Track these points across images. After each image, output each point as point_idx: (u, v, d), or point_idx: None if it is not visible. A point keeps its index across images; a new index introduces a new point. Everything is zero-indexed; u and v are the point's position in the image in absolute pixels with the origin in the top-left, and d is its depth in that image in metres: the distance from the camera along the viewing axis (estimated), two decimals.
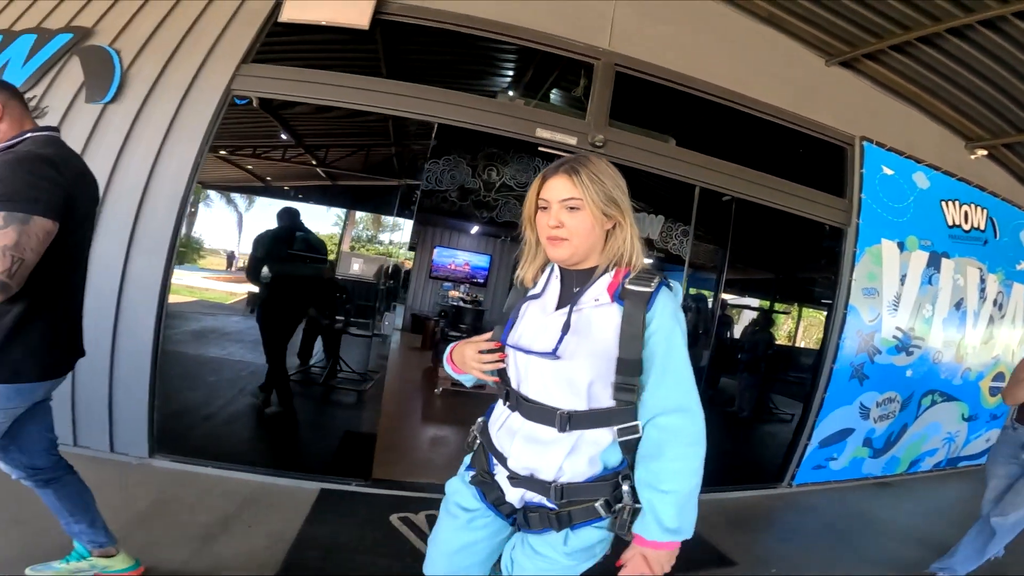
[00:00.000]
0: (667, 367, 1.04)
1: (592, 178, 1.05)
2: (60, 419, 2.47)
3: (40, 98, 2.65)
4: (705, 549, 2.71)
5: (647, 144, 3.28)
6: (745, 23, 3.53)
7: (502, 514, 1.19)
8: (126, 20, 2.79)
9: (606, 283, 1.08)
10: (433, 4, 3.02)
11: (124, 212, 2.55)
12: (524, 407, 1.11)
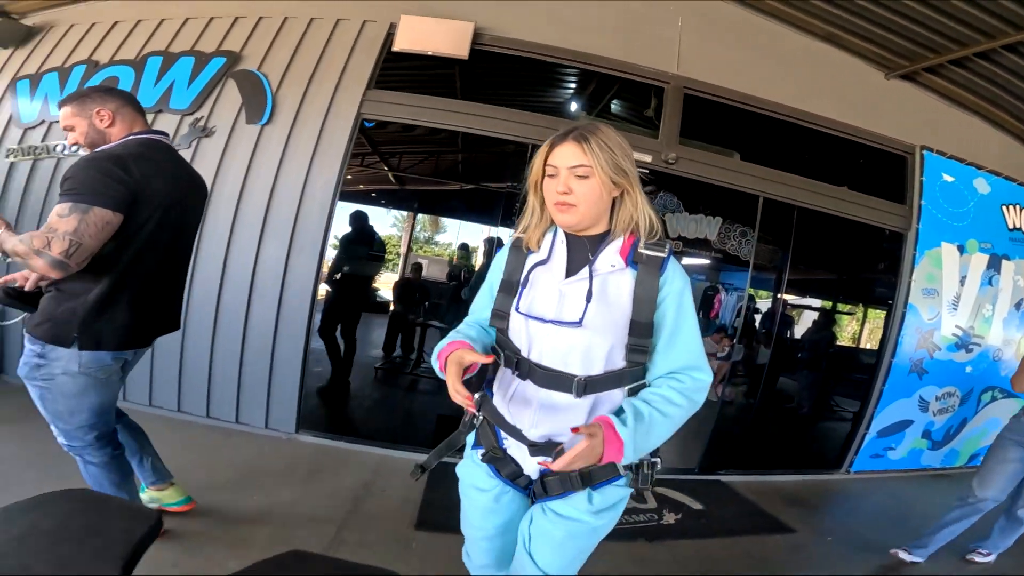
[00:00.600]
0: (678, 328, 1.07)
1: (602, 146, 1.04)
2: (225, 400, 3.07)
3: (207, 118, 3.21)
4: (765, 518, 3.07)
5: (714, 160, 3.67)
6: (804, 42, 3.83)
7: (519, 487, 1.20)
8: (267, 45, 3.31)
9: (617, 248, 1.09)
10: (520, 36, 3.48)
11: (284, 218, 3.09)
12: (537, 375, 1.10)
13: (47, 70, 3.39)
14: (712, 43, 3.64)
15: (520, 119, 3.41)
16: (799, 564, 2.59)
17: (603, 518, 1.15)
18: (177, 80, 3.25)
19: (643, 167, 3.49)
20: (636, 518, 2.82)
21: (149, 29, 3.40)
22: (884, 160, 3.98)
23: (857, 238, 4.08)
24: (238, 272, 3.11)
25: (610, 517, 1.16)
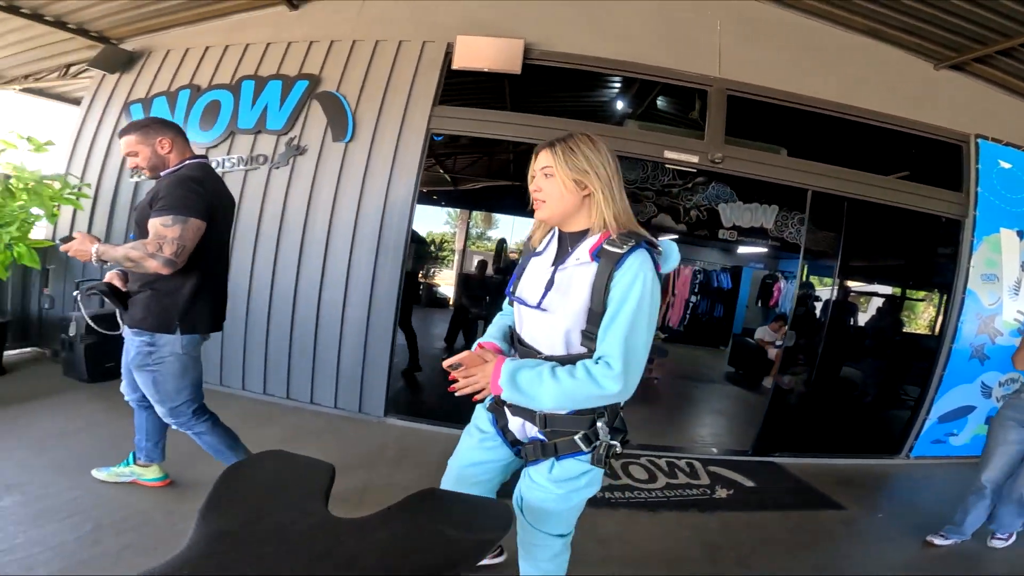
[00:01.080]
0: (615, 315, 1.13)
1: (566, 151, 1.20)
2: (325, 387, 3.54)
3: (299, 138, 3.67)
4: (816, 496, 3.27)
5: (760, 157, 3.87)
6: (846, 38, 3.94)
7: (507, 441, 1.42)
8: (342, 67, 3.71)
9: (590, 244, 1.20)
10: (566, 49, 3.77)
11: (371, 224, 3.54)
12: (520, 349, 1.33)
13: (156, 94, 3.89)
14: (752, 44, 3.83)
15: (570, 128, 3.71)
16: (846, 537, 2.77)
17: (563, 487, 1.30)
18: (270, 103, 3.70)
19: (690, 167, 3.75)
20: (689, 492, 3.07)
21: (237, 54, 3.87)
22: (939, 149, 4.07)
23: (913, 226, 4.18)
24: (335, 273, 3.59)
25: (571, 488, 1.30)
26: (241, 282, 3.67)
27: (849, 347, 4.70)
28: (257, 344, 3.68)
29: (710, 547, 2.50)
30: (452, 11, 3.72)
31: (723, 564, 2.37)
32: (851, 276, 4.66)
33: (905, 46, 3.94)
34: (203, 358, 3.70)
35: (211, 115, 3.70)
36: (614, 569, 2.20)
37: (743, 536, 2.65)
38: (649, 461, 3.46)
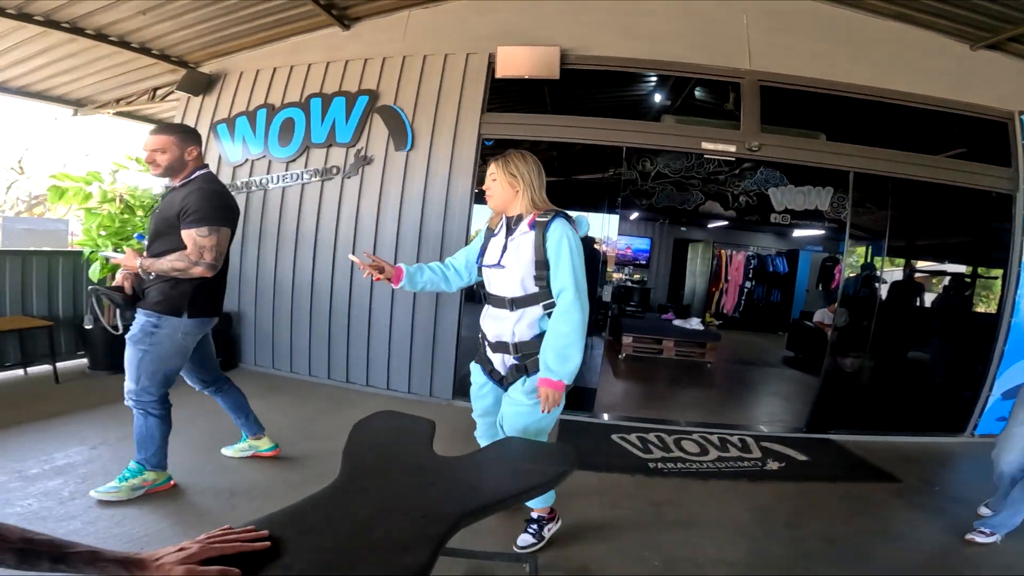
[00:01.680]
0: (558, 262, 1.73)
1: (504, 163, 1.84)
2: (399, 374, 3.94)
3: (365, 149, 4.12)
4: (870, 469, 3.38)
5: (798, 143, 4.03)
6: (875, 24, 4.01)
7: (495, 381, 1.95)
8: (396, 82, 4.11)
9: (527, 220, 1.81)
10: (601, 52, 4.01)
11: (434, 227, 3.97)
12: (490, 299, 1.91)
13: (237, 114, 4.41)
14: (781, 36, 3.97)
15: (611, 126, 4.04)
16: (898, 507, 2.86)
17: (531, 398, 1.81)
18: (337, 118, 4.15)
19: (728, 156, 3.88)
20: (740, 464, 3.25)
21: (302, 73, 4.33)
22: (984, 127, 4.08)
23: (964, 203, 4.19)
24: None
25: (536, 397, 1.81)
26: (323, 283, 4.17)
27: (906, 325, 4.67)
28: (339, 338, 4.18)
29: (759, 511, 2.71)
30: (491, 24, 4.06)
31: (771, 526, 2.57)
32: (903, 255, 4.62)
33: (938, 29, 3.97)
34: (293, 351, 4.21)
35: (288, 132, 4.20)
36: (665, 529, 2.43)
37: (793, 503, 2.83)
38: (701, 437, 3.65)
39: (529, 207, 1.82)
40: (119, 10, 3.70)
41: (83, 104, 5.38)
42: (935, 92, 3.93)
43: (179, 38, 4.27)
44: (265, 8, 3.95)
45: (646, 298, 8.74)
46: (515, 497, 1.33)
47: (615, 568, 2.08)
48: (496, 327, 1.87)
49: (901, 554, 2.36)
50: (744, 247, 9.75)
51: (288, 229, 4.22)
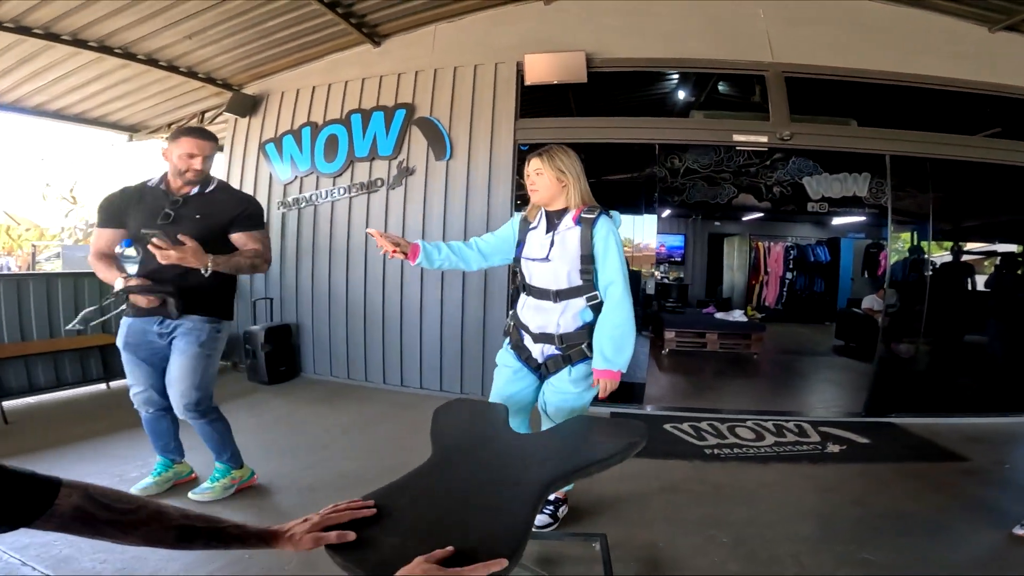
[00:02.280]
0: (606, 257, 1.82)
1: (550, 157, 1.88)
2: (451, 375, 4.07)
3: (406, 160, 4.28)
4: (936, 450, 3.29)
5: (830, 130, 4.03)
6: (889, 11, 4.00)
7: (531, 367, 1.98)
8: (430, 94, 4.26)
9: (571, 215, 1.88)
10: (624, 54, 4.08)
11: (478, 232, 3.94)
12: (532, 291, 1.94)
13: (283, 133, 4.64)
14: (799, 28, 4.00)
15: (642, 125, 4.12)
16: (969, 484, 2.76)
17: (579, 386, 1.91)
18: (378, 132, 4.33)
19: (760, 147, 3.88)
20: (799, 448, 3.20)
21: (340, 90, 4.54)
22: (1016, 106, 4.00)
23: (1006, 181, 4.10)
24: (452, 277, 4.16)
25: (585, 386, 1.91)
26: (375, 292, 4.35)
27: (960, 307, 4.52)
28: (392, 344, 4.34)
29: (824, 490, 2.68)
30: (515, 33, 4.19)
31: (839, 504, 2.53)
32: (950, 237, 4.51)
33: (954, 13, 3.95)
34: (349, 359, 4.37)
35: (332, 148, 4.41)
36: (729, 509, 2.43)
37: (858, 483, 2.78)
38: (755, 424, 3.62)
39: (576, 201, 1.89)
40: (167, 35, 3.97)
41: (137, 129, 5.69)
42: (959, 74, 3.89)
43: (223, 61, 4.54)
44: (299, 30, 4.19)
45: (684, 295, 8.66)
46: (598, 463, 1.40)
47: (683, 545, 2.11)
48: (540, 318, 1.93)
49: (977, 529, 2.28)
50: (782, 238, 9.54)
51: (339, 242, 4.41)
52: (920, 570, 1.93)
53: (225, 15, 3.84)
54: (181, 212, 2.09)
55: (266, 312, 4.57)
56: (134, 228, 2.08)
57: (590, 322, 1.87)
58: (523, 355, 1.99)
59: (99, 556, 1.85)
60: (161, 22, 3.77)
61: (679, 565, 1.96)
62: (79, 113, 5.10)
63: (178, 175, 2.10)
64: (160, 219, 2.05)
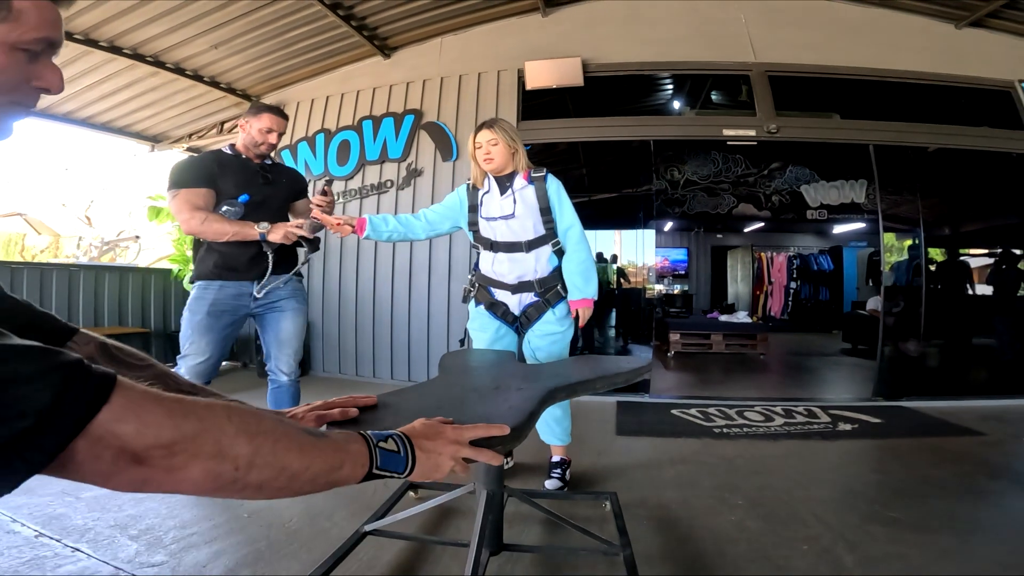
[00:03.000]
0: (561, 207, 2.03)
1: (501, 129, 2.02)
2: None
3: (415, 162, 4.35)
4: (951, 427, 3.17)
5: (813, 123, 4.15)
6: (861, 11, 4.21)
7: (507, 322, 2.10)
8: (437, 100, 4.40)
9: (521, 176, 2.04)
10: (618, 59, 4.25)
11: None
12: (502, 246, 2.06)
13: (298, 140, 4.75)
14: (778, 29, 4.18)
15: (637, 123, 4.25)
16: (989, 454, 2.65)
17: (562, 324, 2.07)
18: (388, 136, 4.45)
19: (748, 141, 3.92)
20: (810, 427, 3.09)
21: (352, 99, 4.68)
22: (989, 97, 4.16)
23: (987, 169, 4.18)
24: (459, 273, 4.18)
25: (568, 323, 2.08)
26: (384, 291, 4.35)
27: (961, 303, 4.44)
28: (400, 340, 4.32)
29: (840, 461, 2.58)
30: (515, 42, 4.37)
31: (857, 471, 2.43)
32: (944, 231, 4.49)
33: (921, 12, 4.14)
34: (358, 356, 4.34)
35: (344, 152, 4.51)
36: (742, 477, 2.33)
37: (875, 454, 2.69)
38: (764, 408, 3.51)
39: (524, 164, 2.05)
40: (196, 44, 4.11)
41: (159, 140, 5.75)
42: (930, 68, 4.04)
43: (244, 71, 4.68)
44: (317, 41, 4.35)
45: (689, 303, 8.62)
46: (602, 379, 1.35)
47: (698, 507, 2.01)
48: (516, 269, 2.07)
49: (1004, 491, 2.17)
50: (784, 248, 9.49)
51: (349, 243, 4.45)
52: (950, 528, 1.81)
53: (251, 25, 4.00)
54: (274, 176, 2.20)
55: None
56: (230, 190, 2.06)
57: (558, 265, 2.07)
58: (499, 311, 2.09)
59: (93, 515, 1.79)
60: (192, 31, 3.92)
61: (694, 525, 1.86)
62: (106, 122, 5.16)
63: (253, 146, 2.14)
64: (261, 181, 2.13)
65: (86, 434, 0.42)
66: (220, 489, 0.51)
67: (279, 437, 0.55)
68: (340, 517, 1.81)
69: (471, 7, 4.28)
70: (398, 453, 0.68)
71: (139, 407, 0.46)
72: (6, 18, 0.55)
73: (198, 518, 1.78)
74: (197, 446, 0.48)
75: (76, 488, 2.02)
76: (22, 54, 0.57)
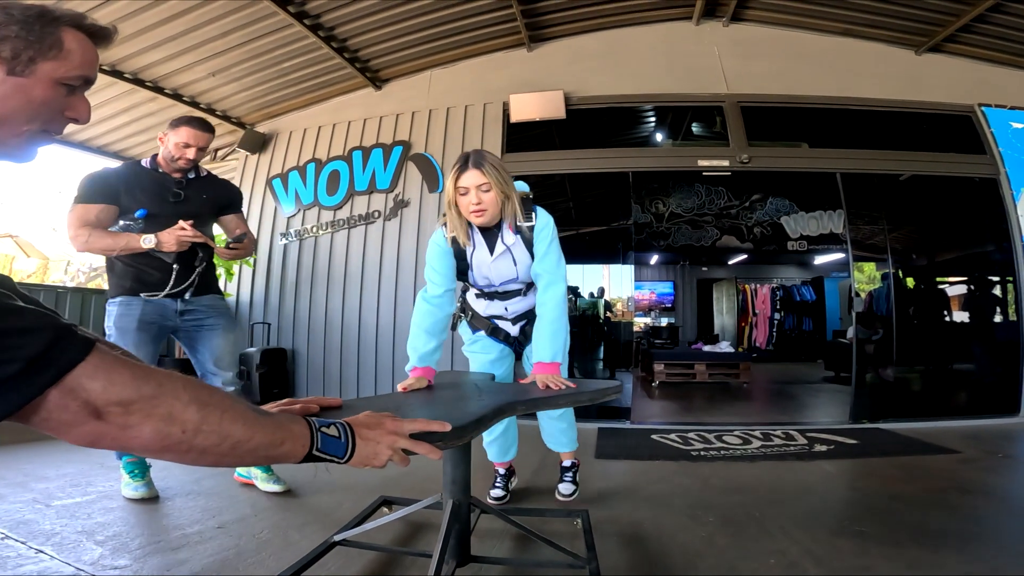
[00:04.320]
0: (547, 253, 1.77)
1: (494, 169, 1.64)
2: None
3: (402, 193, 4.45)
4: (927, 446, 3.18)
5: (783, 152, 4.35)
6: (824, 41, 4.43)
7: (507, 344, 2.02)
8: (425, 132, 4.54)
9: (507, 225, 1.74)
10: (598, 92, 4.43)
11: None
12: (499, 295, 1.93)
13: (289, 169, 4.83)
14: (748, 61, 4.39)
15: (617, 154, 4.46)
16: (964, 470, 2.66)
17: None
18: (376, 167, 4.56)
19: (723, 171, 4.09)
20: (786, 449, 3.11)
21: (343, 129, 4.81)
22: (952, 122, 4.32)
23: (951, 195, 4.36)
24: None
25: None
26: (369, 318, 4.38)
27: (932, 321, 4.55)
28: (385, 367, 4.32)
29: (815, 479, 2.58)
30: (501, 76, 4.56)
31: (832, 488, 2.44)
32: (908, 255, 4.66)
33: (881, 40, 4.36)
34: (342, 382, 4.34)
35: (334, 182, 4.61)
36: (716, 496, 2.33)
37: (849, 472, 2.69)
38: (743, 432, 3.53)
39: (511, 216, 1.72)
40: (195, 71, 4.25)
41: None
42: (893, 95, 4.22)
43: (239, 100, 4.82)
44: (311, 71, 4.53)
45: (675, 337, 8.73)
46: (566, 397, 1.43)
47: (668, 524, 2.01)
48: (514, 307, 1.98)
49: (976, 503, 2.19)
50: (767, 280, 9.65)
51: (337, 271, 4.49)
52: (918, 541, 1.83)
53: (248, 54, 4.16)
54: (189, 193, 2.11)
55: (263, 336, 4.56)
56: (134, 205, 2.01)
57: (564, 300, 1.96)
58: (500, 335, 2.04)
59: (62, 521, 1.78)
60: (192, 57, 4.06)
61: (664, 541, 1.86)
62: (103, 145, 5.15)
63: (171, 160, 2.07)
64: (171, 198, 2.07)
65: (61, 385, 0.49)
66: (167, 449, 0.57)
67: (226, 408, 0.61)
68: (311, 530, 1.80)
69: (459, 41, 4.48)
70: (339, 439, 0.73)
71: (109, 368, 0.53)
72: (56, 56, 0.64)
73: (167, 527, 1.77)
74: (152, 407, 0.54)
75: (47, 496, 2.02)
76: (63, 88, 0.66)
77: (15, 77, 0.62)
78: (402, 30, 4.23)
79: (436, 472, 2.22)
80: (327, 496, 2.17)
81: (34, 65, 0.63)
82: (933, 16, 3.97)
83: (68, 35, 0.66)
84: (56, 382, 0.49)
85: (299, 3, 3.75)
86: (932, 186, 4.21)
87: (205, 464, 0.62)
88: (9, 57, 0.61)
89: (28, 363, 0.47)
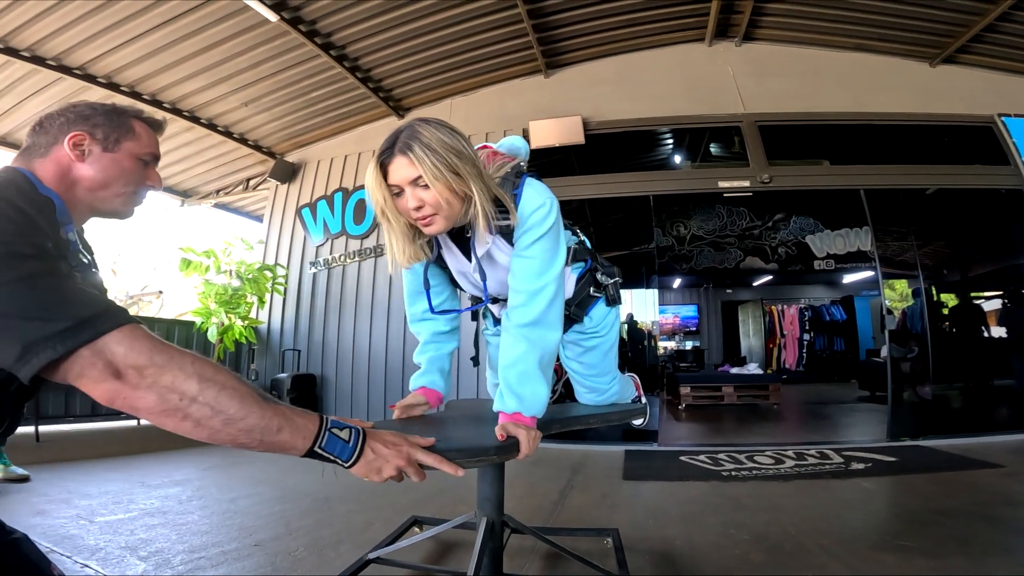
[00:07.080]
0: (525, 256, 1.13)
1: (427, 154, 0.99)
2: None
3: None
4: (968, 461, 3.07)
5: (805, 170, 4.31)
6: (839, 57, 4.45)
7: None
8: None
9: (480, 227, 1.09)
10: (615, 116, 4.54)
11: None
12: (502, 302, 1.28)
13: (318, 198, 5.02)
14: (764, 80, 4.44)
15: (637, 178, 4.53)
16: (1009, 483, 2.57)
17: (603, 326, 1.46)
18: None
19: (744, 191, 4.11)
20: (822, 468, 3.03)
21: (368, 159, 4.87)
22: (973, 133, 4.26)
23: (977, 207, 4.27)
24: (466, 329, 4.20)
25: (608, 324, 1.47)
26: (396, 344, 4.47)
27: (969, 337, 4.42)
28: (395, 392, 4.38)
29: (853, 496, 2.51)
30: (521, 104, 4.72)
31: (871, 505, 2.37)
32: (939, 271, 4.56)
33: (895, 53, 4.38)
34: (370, 406, 4.40)
35: (360, 211, 4.81)
36: (749, 515, 2.29)
37: (889, 489, 2.62)
38: (775, 452, 3.45)
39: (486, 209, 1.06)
40: (228, 101, 4.51)
41: (190, 195, 6.10)
42: (911, 108, 4.20)
43: (270, 129, 5.07)
44: (338, 101, 4.77)
45: (700, 359, 8.60)
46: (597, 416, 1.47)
47: (701, 543, 1.98)
48: None
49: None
50: (795, 300, 9.47)
51: (364, 299, 4.63)
52: (964, 551, 1.77)
53: (277, 84, 4.42)
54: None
55: (293, 362, 4.68)
56: None
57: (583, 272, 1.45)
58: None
59: (105, 537, 1.85)
60: (225, 88, 4.33)
61: (696, 558, 1.84)
62: None
63: None
64: None
65: (93, 345, 0.62)
66: (165, 414, 0.64)
67: (226, 386, 0.67)
68: (345, 548, 1.83)
69: (478, 70, 4.67)
70: (347, 443, 0.76)
71: (134, 338, 0.65)
72: (132, 138, 0.91)
73: (207, 544, 1.82)
74: (159, 374, 0.64)
75: (90, 512, 2.11)
76: (140, 162, 0.92)
77: (109, 153, 0.87)
78: (422, 60, 4.44)
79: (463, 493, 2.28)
80: (359, 516, 2.21)
81: (119, 144, 0.88)
82: (943, 28, 3.99)
83: (136, 124, 0.91)
84: (91, 341, 0.62)
85: (325, 35, 3.98)
86: (959, 199, 4.15)
87: (200, 437, 0.66)
88: (102, 139, 0.87)
89: (77, 322, 0.61)
